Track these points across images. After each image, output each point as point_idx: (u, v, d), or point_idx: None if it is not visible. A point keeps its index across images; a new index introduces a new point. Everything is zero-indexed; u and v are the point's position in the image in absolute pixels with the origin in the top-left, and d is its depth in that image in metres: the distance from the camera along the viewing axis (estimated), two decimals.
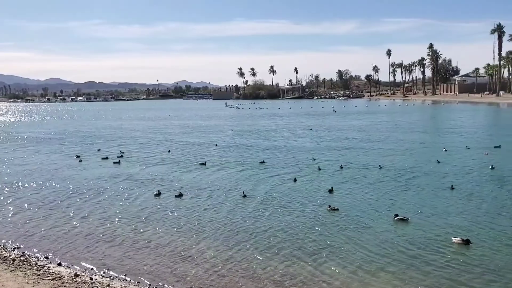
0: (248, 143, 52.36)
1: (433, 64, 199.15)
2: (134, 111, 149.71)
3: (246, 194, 26.20)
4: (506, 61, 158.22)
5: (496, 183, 27.71)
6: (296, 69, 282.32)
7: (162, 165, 37.96)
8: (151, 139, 59.42)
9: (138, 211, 23.60)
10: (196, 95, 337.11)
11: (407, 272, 15.13)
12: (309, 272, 15.36)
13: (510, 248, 16.85)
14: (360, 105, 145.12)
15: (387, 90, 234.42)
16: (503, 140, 47.10)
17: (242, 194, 26.33)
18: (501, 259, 15.87)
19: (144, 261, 16.77)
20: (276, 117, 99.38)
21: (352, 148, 45.25)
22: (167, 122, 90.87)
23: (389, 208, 22.73)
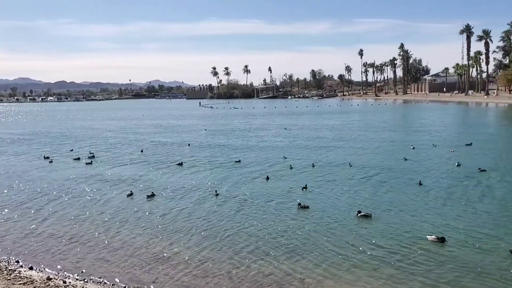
0: (221, 142, 52.38)
1: (404, 64, 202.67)
2: (106, 111, 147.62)
3: (218, 193, 26.44)
4: (474, 61, 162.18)
5: (462, 180, 28.48)
6: (270, 69, 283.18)
7: (135, 165, 37.65)
8: (123, 139, 58.84)
9: (111, 212, 23.40)
10: (170, 95, 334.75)
11: (377, 268, 15.46)
12: (282, 270, 15.54)
13: (475, 243, 17.40)
14: (333, 105, 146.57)
15: (359, 90, 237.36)
16: (472, 138, 48.35)
17: (215, 193, 26.53)
18: (465, 254, 16.39)
19: (118, 263, 16.67)
20: (251, 117, 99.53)
21: (324, 147, 45.82)
22: (139, 122, 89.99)
23: (359, 205, 23.16)
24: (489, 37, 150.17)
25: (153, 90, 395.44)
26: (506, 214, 21.13)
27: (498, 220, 20.31)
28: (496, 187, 26.69)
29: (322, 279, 14.82)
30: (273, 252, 17.19)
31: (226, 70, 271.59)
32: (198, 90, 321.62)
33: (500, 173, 30.44)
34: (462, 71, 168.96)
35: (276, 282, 14.73)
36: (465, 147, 42.56)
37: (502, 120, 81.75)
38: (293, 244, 18.01)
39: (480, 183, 27.59)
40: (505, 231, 18.70)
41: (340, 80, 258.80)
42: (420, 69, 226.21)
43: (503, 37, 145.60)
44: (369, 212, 21.31)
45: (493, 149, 41.23)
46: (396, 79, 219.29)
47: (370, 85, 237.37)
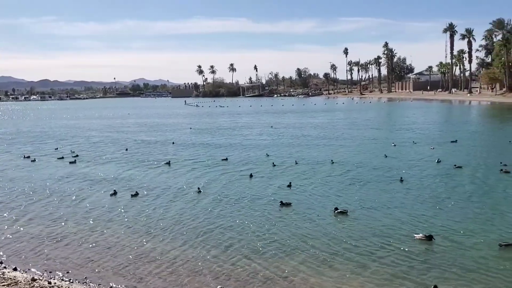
0: (206, 141, 52.45)
1: (389, 63, 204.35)
2: (91, 110, 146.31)
3: (201, 190, 26.83)
4: (458, 59, 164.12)
5: (442, 177, 29.01)
6: (256, 67, 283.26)
7: (119, 164, 37.53)
8: (107, 138, 58.51)
9: (95, 212, 23.27)
10: (155, 93, 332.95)
11: (361, 266, 15.66)
12: (267, 268, 15.64)
13: (451, 238, 17.72)
14: (319, 103, 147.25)
15: (344, 88, 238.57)
16: (455, 135, 49.17)
17: (197, 190, 26.86)
18: (442, 250, 16.68)
19: (103, 263, 16.61)
20: (237, 115, 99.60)
21: (308, 145, 46.31)
22: (124, 121, 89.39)
23: (341, 202, 23.51)
24: (472, 36, 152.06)
25: (138, 88, 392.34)
26: (483, 210, 21.50)
27: (479, 215, 20.67)
28: (472, 182, 27.36)
29: (307, 277, 14.94)
30: (258, 250, 17.27)
31: (211, 69, 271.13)
32: (183, 88, 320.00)
33: (477, 169, 31.22)
34: (446, 70, 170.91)
35: (262, 280, 14.82)
36: (450, 144, 43.32)
37: (484, 117, 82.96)
38: (277, 242, 18.12)
39: (457, 179, 28.25)
40: (486, 226, 19.06)
41: (326, 78, 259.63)
42: (405, 67, 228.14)
43: (485, 36, 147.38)
44: (345, 209, 21.66)
45: (473, 146, 42.05)
46: (381, 77, 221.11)
47: (355, 83, 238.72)
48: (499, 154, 36.73)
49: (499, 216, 20.59)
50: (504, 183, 26.96)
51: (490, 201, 23.27)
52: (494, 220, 20.04)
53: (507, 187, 25.81)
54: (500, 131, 54.77)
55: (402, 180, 27.83)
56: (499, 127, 61.01)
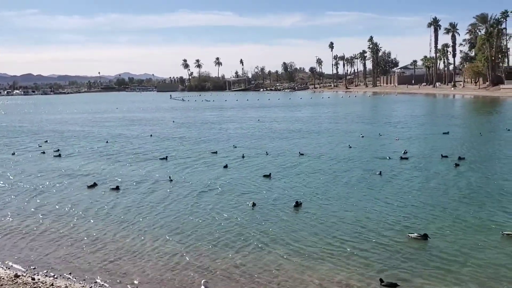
0: (187, 135, 52.95)
1: (374, 57, 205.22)
2: (75, 105, 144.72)
3: (172, 179, 28.18)
4: (442, 53, 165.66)
5: (407, 168, 30.10)
6: (242, 61, 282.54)
7: (100, 159, 37.69)
8: (90, 132, 58.30)
9: (77, 207, 23.16)
10: (140, 88, 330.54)
11: (339, 260, 15.83)
12: (251, 261, 15.76)
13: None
14: (304, 97, 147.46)
15: (330, 83, 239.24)
16: (436, 129, 50.11)
17: (169, 178, 28.26)
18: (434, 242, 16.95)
19: (87, 258, 16.56)
20: (223, 109, 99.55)
21: (283, 137, 47.97)
22: (109, 115, 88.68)
23: (297, 194, 24.17)
24: (456, 30, 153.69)
25: (123, 83, 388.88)
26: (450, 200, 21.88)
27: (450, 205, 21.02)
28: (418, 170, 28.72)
29: (290, 270, 15.06)
30: (242, 244, 17.37)
31: (197, 63, 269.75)
32: (169, 82, 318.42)
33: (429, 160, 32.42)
34: (430, 64, 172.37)
35: (246, 273, 14.89)
36: (419, 136, 45.46)
37: (467, 111, 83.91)
38: (259, 235, 18.22)
39: (420, 170, 29.58)
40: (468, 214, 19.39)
41: (312, 72, 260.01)
42: (389, 61, 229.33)
43: (469, 30, 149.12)
44: (299, 200, 22.08)
45: (446, 138, 43.41)
46: (366, 71, 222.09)
47: (341, 77, 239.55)
48: (465, 147, 38.05)
49: (459, 204, 21.34)
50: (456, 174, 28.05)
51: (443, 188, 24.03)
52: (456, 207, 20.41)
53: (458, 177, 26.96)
54: (471, 124, 55.48)
55: (380, 174, 28.24)
56: (473, 120, 61.84)
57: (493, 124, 55.35)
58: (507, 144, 39.38)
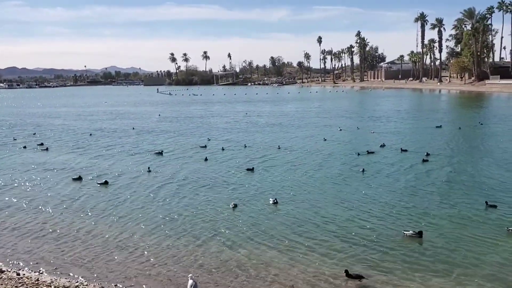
0: (171, 129, 53.15)
1: (361, 52, 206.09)
2: (60, 98, 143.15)
3: (151, 170, 29.10)
4: (428, 48, 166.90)
5: (387, 161, 30.93)
6: (230, 55, 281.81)
7: (84, 152, 37.50)
8: (75, 126, 57.89)
9: (62, 201, 22.92)
10: (127, 82, 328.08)
11: (321, 254, 15.92)
12: (239, 255, 15.73)
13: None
14: (292, 92, 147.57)
15: (318, 77, 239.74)
16: (418, 123, 50.82)
17: (148, 169, 29.10)
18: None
19: (73, 253, 16.40)
20: (210, 104, 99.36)
21: (266, 131, 48.71)
22: (95, 109, 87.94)
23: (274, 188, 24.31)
24: (442, 26, 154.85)
25: (110, 76, 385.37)
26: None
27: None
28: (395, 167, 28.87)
29: (276, 264, 15.08)
30: (227, 239, 17.32)
31: (184, 56, 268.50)
32: (156, 76, 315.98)
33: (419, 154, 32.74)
34: (417, 59, 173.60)
35: (233, 267, 14.87)
36: (435, 129, 46.59)
37: (451, 106, 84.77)
38: (244, 229, 18.21)
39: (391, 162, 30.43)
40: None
41: (299, 67, 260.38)
42: (377, 56, 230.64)
43: (455, 25, 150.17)
44: (275, 199, 21.57)
45: (413, 134, 44.52)
46: (353, 66, 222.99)
47: (329, 72, 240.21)
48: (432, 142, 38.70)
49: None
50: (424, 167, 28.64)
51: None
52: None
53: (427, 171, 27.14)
54: (454, 119, 56.10)
55: (364, 171, 28.35)
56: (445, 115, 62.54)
57: (474, 118, 55.97)
58: (482, 137, 40.82)
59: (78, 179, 27.17)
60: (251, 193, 23.53)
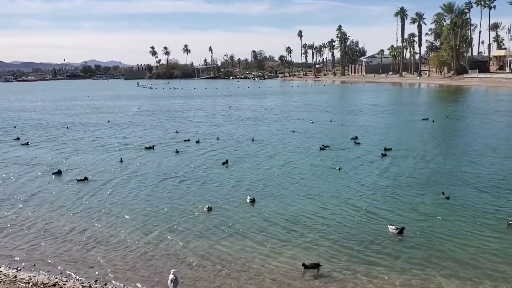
0: (150, 123, 53.22)
1: (342, 46, 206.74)
2: (38, 93, 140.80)
3: (123, 160, 29.83)
4: (408, 43, 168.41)
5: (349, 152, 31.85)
6: (211, 49, 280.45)
7: (63, 147, 37.19)
8: (52, 121, 57.32)
9: (39, 197, 22.65)
10: (107, 75, 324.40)
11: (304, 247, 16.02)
12: (220, 250, 15.72)
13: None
14: (274, 86, 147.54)
15: (299, 71, 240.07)
16: (392, 117, 51.89)
17: (120, 160, 29.89)
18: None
19: (53, 249, 16.18)
20: (191, 97, 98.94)
21: (241, 125, 49.18)
22: (74, 103, 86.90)
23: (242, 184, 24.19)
24: (422, 20, 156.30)
25: (89, 70, 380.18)
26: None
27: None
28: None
29: (259, 259, 15.13)
30: (209, 233, 17.30)
31: (165, 50, 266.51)
32: (136, 70, 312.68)
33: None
34: (397, 53, 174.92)
35: (215, 262, 14.86)
36: (421, 122, 47.62)
37: (430, 99, 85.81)
38: (225, 224, 18.21)
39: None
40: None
41: (281, 61, 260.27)
42: (357, 51, 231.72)
43: (435, 20, 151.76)
44: (253, 197, 21.18)
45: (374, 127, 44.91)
46: (334, 60, 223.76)
47: (310, 66, 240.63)
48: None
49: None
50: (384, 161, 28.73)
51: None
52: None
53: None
54: (427, 112, 56.92)
55: (340, 168, 28.57)
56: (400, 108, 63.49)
57: (449, 112, 56.93)
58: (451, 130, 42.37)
59: (58, 173, 26.91)
60: (227, 188, 23.48)
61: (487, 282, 13.08)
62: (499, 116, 51.11)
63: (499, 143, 33.92)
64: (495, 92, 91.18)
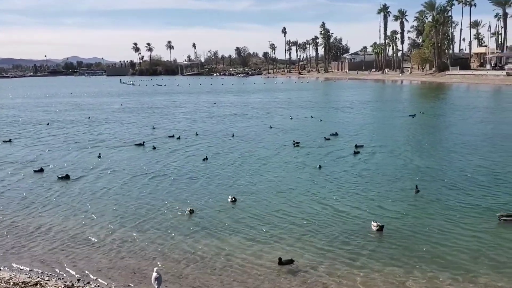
0: (134, 120, 53.09)
1: (325, 43, 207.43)
2: (18, 89, 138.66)
3: (101, 155, 30.43)
4: (391, 40, 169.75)
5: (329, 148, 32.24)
6: (195, 45, 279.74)
7: (43, 145, 36.66)
8: (31, 118, 56.60)
9: (21, 195, 22.35)
10: (89, 72, 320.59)
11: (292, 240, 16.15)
12: (201, 247, 15.75)
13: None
14: (258, 82, 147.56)
15: (283, 68, 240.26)
16: (378, 113, 52.20)
17: (98, 155, 30.24)
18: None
19: (34, 248, 16.05)
20: (173, 94, 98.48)
21: (228, 121, 49.58)
22: (54, 100, 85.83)
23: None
24: (405, 17, 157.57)
25: (71, 67, 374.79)
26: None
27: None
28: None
29: (243, 255, 15.20)
30: (189, 230, 17.30)
31: (148, 46, 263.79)
32: (119, 66, 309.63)
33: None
34: (379, 50, 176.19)
35: (198, 259, 14.89)
36: (400, 118, 48.37)
37: (410, 96, 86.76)
38: (209, 220, 18.27)
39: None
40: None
41: (265, 58, 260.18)
42: (341, 47, 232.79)
43: (417, 17, 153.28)
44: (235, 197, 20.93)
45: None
46: (318, 57, 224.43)
47: (294, 63, 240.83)
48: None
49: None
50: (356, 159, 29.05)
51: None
52: None
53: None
54: (405, 108, 57.66)
55: (321, 168, 28.80)
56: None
57: (431, 108, 57.71)
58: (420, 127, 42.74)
59: (40, 171, 26.58)
60: (206, 186, 23.47)
61: (462, 275, 13.32)
62: (474, 112, 52.18)
63: (469, 139, 34.72)
64: (475, 89, 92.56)
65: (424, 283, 12.96)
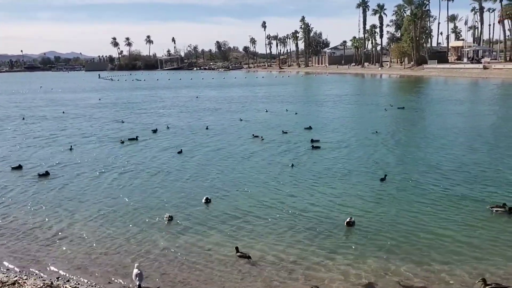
0: (110, 115, 52.53)
1: (306, 37, 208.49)
2: None
3: (72, 148, 31.03)
4: (370, 34, 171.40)
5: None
6: (174, 40, 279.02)
7: (19, 141, 35.93)
8: (5, 114, 55.42)
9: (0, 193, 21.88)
10: (67, 67, 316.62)
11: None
12: (183, 244, 15.71)
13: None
14: (239, 77, 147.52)
15: (264, 62, 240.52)
16: (347, 108, 52.28)
17: (69, 148, 30.82)
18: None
19: (13, 247, 15.72)
20: (153, 89, 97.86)
21: (204, 116, 49.46)
22: (31, 96, 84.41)
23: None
24: (383, 11, 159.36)
25: (49, 62, 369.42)
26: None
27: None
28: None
29: (224, 252, 15.19)
30: (171, 227, 17.21)
31: (127, 41, 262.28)
32: (97, 61, 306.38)
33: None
34: (359, 44, 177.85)
35: (180, 255, 14.84)
36: (374, 112, 48.63)
37: (390, 89, 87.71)
38: (190, 215, 18.17)
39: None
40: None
41: (245, 52, 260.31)
42: (321, 42, 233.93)
43: (396, 11, 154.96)
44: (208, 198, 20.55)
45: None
46: (299, 52, 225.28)
47: (274, 57, 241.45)
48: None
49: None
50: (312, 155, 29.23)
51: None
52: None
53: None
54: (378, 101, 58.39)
55: (293, 166, 28.92)
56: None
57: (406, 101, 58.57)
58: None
59: (18, 168, 26.08)
60: (184, 181, 23.37)
61: (440, 265, 13.56)
62: (452, 105, 53.14)
63: (443, 132, 35.08)
64: (453, 82, 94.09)
65: (400, 273, 13.15)
